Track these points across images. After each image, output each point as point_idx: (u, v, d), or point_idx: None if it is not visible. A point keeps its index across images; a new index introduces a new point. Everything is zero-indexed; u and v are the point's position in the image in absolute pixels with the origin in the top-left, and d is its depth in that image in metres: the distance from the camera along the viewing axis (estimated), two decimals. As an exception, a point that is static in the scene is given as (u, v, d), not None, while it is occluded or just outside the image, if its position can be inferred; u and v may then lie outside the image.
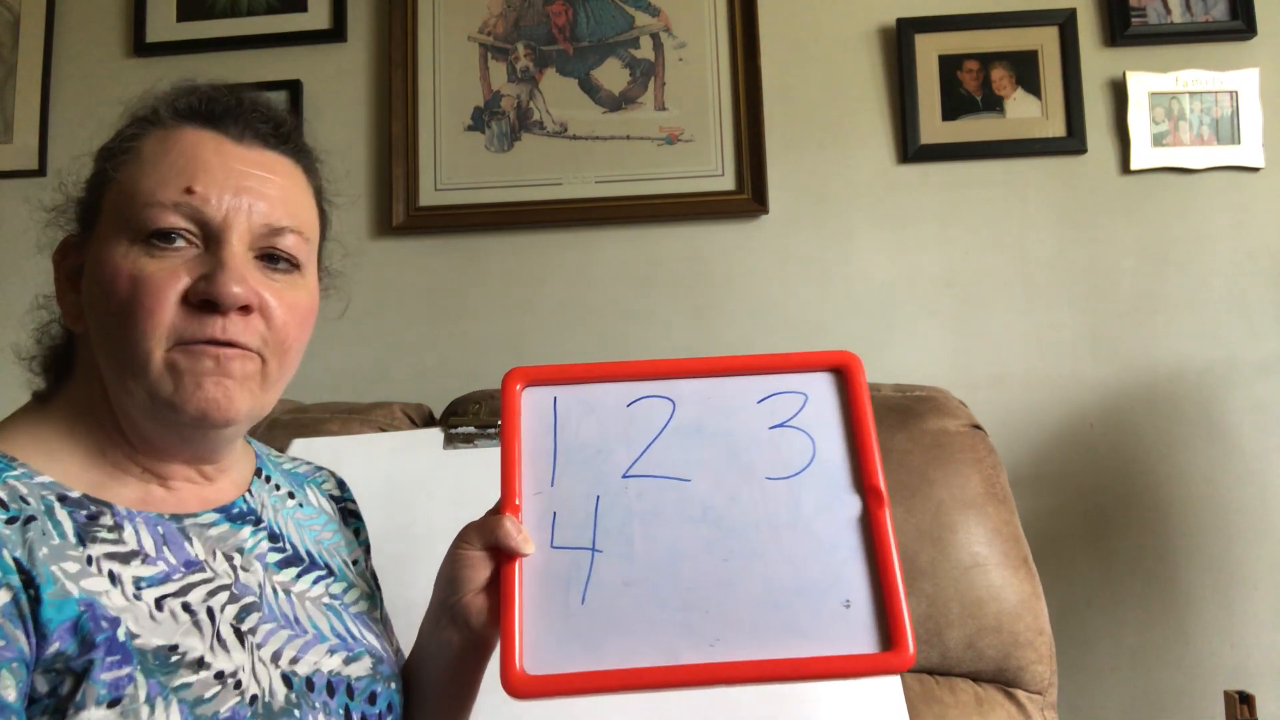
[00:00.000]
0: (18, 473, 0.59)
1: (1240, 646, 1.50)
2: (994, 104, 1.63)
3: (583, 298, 1.66)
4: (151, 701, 0.54)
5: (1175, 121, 1.60)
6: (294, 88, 1.71)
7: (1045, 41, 1.64)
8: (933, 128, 1.63)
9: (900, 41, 1.65)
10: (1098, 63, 1.63)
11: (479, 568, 0.67)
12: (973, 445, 1.21)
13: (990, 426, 1.33)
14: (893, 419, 1.21)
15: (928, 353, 1.61)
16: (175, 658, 0.57)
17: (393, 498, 1.10)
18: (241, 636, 0.62)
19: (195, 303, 0.60)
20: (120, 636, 0.55)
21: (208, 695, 0.57)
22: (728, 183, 1.65)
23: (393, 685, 0.71)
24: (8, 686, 0.51)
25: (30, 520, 0.57)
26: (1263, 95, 1.59)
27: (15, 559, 0.54)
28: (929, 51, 1.64)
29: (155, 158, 0.64)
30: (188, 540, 0.64)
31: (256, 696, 0.60)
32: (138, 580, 0.59)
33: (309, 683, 0.65)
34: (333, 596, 0.73)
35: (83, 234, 0.66)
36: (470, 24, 1.71)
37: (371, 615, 0.76)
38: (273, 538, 0.71)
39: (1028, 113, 1.63)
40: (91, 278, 0.63)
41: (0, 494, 0.57)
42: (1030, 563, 1.16)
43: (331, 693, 0.66)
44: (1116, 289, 1.60)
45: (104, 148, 0.67)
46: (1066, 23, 1.63)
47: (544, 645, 0.65)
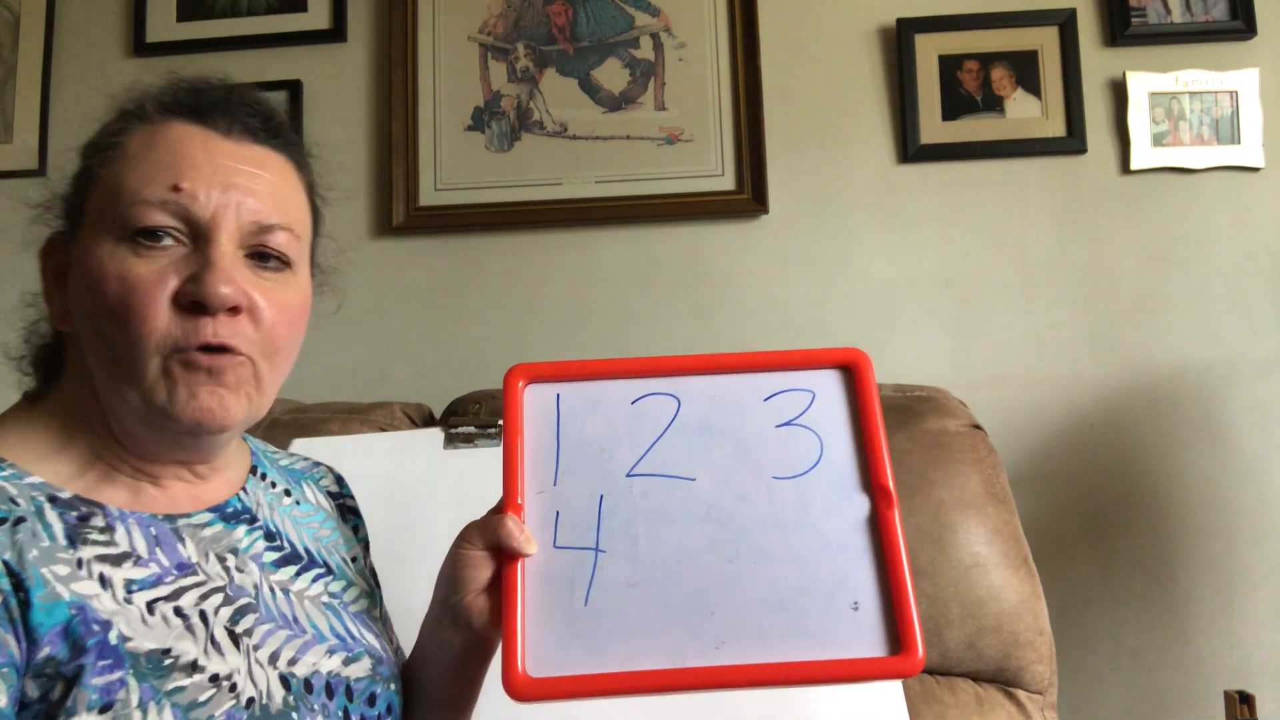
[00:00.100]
0: (7, 474, 0.58)
1: (1240, 646, 1.50)
2: (994, 104, 1.63)
3: (583, 298, 1.66)
4: (144, 706, 0.53)
5: (1175, 121, 1.60)
6: (294, 88, 1.71)
7: (1045, 41, 1.64)
8: (933, 128, 1.63)
9: (900, 41, 1.65)
10: (1098, 63, 1.63)
11: (480, 568, 0.67)
12: (973, 445, 1.21)
13: (990, 426, 1.33)
14: (893, 419, 1.21)
15: (928, 353, 1.61)
16: (168, 661, 0.56)
17: (393, 498, 1.10)
18: (236, 639, 0.61)
19: (185, 304, 0.59)
20: (112, 640, 0.54)
21: (202, 699, 0.56)
22: (728, 183, 1.65)
23: (392, 686, 0.71)
24: None
25: (20, 522, 0.55)
26: (1263, 95, 1.59)
27: (4, 561, 0.53)
28: (929, 51, 1.64)
29: (141, 154, 0.62)
30: (181, 541, 0.63)
31: (254, 699, 0.59)
32: (129, 583, 0.58)
33: (307, 684, 0.64)
34: (332, 595, 0.72)
35: (69, 231, 0.65)
36: (470, 24, 1.71)
37: (371, 614, 0.75)
38: (269, 536, 0.70)
39: (1028, 113, 1.63)
40: (78, 277, 0.62)
41: None
42: (1030, 563, 1.16)
43: (330, 694, 0.65)
44: (1116, 289, 1.60)
45: (89, 143, 0.66)
46: (1066, 23, 1.63)
47: (546, 647, 0.64)
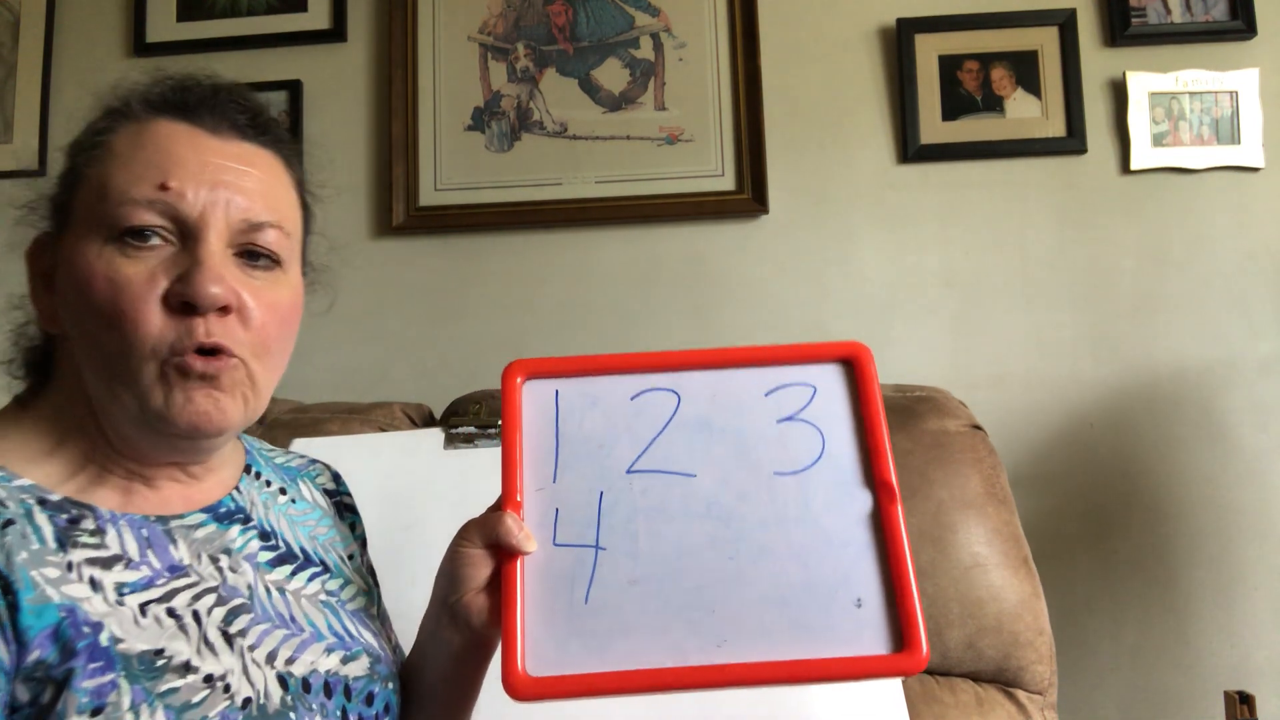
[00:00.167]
0: None
1: (1240, 646, 1.50)
2: (994, 104, 1.63)
3: (583, 298, 1.66)
4: (136, 708, 0.53)
5: (1175, 121, 1.60)
6: (294, 88, 1.71)
7: (1045, 41, 1.64)
8: (933, 128, 1.63)
9: (900, 41, 1.65)
10: (1098, 63, 1.63)
11: (479, 566, 0.66)
12: (973, 445, 1.21)
13: (990, 426, 1.33)
14: (893, 419, 1.19)
15: (928, 353, 1.61)
16: (161, 662, 0.56)
17: (393, 498, 1.10)
18: (230, 639, 0.60)
19: (175, 305, 0.58)
20: (103, 642, 0.54)
21: (195, 700, 0.56)
22: (728, 183, 1.65)
23: (390, 685, 0.71)
24: None
25: (9, 524, 0.55)
26: (1263, 95, 1.59)
27: None
28: (929, 51, 1.64)
29: (128, 152, 0.61)
30: (173, 543, 0.62)
31: (250, 699, 0.59)
32: (120, 586, 0.57)
33: (305, 684, 0.63)
34: (329, 593, 0.72)
35: (56, 232, 0.64)
36: (470, 24, 1.71)
37: (368, 612, 0.75)
38: (264, 535, 0.70)
39: (1028, 113, 1.63)
40: (66, 279, 0.61)
41: None
42: (1030, 563, 1.16)
43: (329, 693, 0.65)
44: (1116, 289, 1.60)
45: (75, 143, 0.65)
46: (1066, 23, 1.63)
47: (546, 646, 0.63)
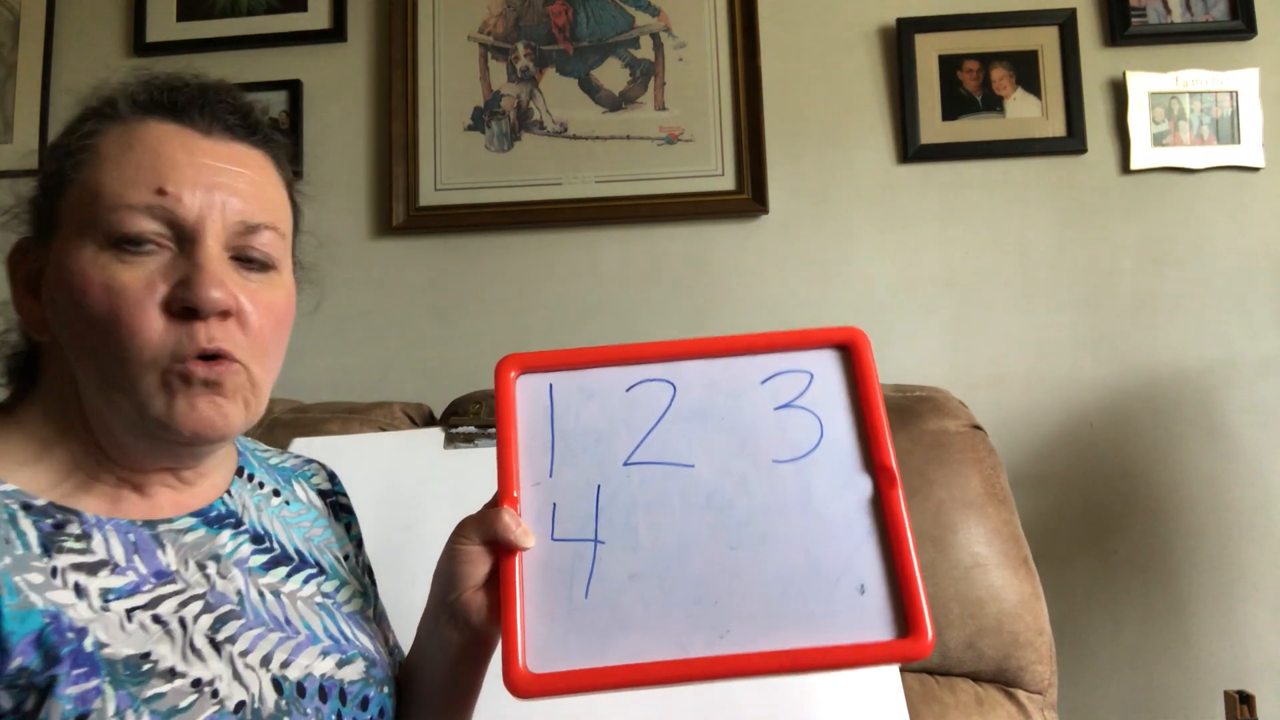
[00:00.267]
0: None
1: (1240, 646, 1.50)
2: (994, 104, 1.63)
3: (583, 298, 1.66)
4: (121, 714, 0.52)
5: (1175, 121, 1.60)
6: (294, 88, 1.71)
7: (1045, 41, 1.64)
8: (933, 128, 1.63)
9: (900, 41, 1.65)
10: (1098, 63, 1.63)
11: (478, 563, 0.65)
12: (973, 445, 1.21)
13: (990, 426, 1.33)
14: (893, 419, 1.18)
15: (928, 353, 1.61)
16: (147, 666, 0.55)
17: (393, 498, 1.10)
18: (218, 646, 0.60)
19: (176, 310, 0.58)
20: (87, 647, 0.53)
21: (183, 705, 0.55)
22: (728, 183, 1.65)
23: (385, 690, 0.70)
24: None
25: None
26: (1263, 95, 1.59)
27: None
28: (929, 51, 1.65)
29: (118, 155, 0.60)
30: (160, 547, 0.61)
31: (244, 703, 0.58)
32: (105, 592, 0.56)
33: (300, 688, 0.63)
34: (325, 595, 0.71)
35: (39, 237, 0.63)
36: (470, 24, 1.71)
37: (364, 614, 0.75)
38: (256, 539, 0.69)
39: (1028, 113, 1.63)
40: (57, 286, 0.60)
41: None
42: (1030, 563, 1.16)
43: (324, 697, 0.64)
44: (1116, 289, 1.60)
45: (57, 145, 0.63)
46: (1066, 23, 1.63)
47: (547, 642, 0.62)
